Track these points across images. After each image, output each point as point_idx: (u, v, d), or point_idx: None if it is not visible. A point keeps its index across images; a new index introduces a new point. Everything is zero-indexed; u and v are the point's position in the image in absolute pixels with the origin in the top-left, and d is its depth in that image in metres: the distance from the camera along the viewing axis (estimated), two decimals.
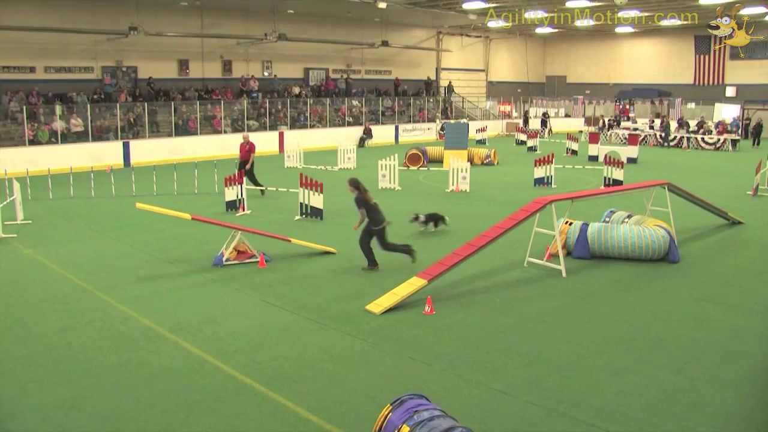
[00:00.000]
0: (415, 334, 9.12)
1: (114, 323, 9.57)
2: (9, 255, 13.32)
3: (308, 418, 6.84)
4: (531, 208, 11.97)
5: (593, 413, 6.93)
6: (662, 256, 12.69)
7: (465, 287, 11.25)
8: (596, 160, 28.93)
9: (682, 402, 7.19)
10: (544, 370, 8.03)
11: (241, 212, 17.64)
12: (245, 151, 20.15)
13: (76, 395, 7.34)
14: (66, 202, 19.22)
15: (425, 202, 19.42)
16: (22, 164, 22.49)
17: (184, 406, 7.08)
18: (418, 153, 28.46)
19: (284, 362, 8.22)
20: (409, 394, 5.72)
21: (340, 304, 10.38)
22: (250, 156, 20.07)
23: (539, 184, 22.54)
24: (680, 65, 48.49)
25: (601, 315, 9.94)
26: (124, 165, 27.52)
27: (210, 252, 12.93)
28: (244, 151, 20.19)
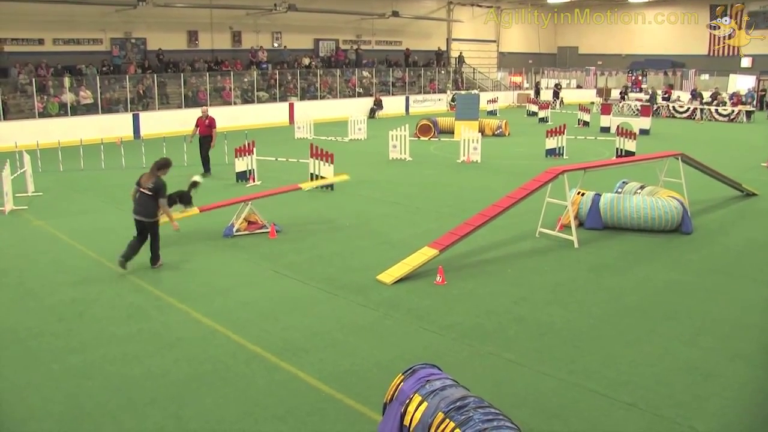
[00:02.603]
0: (426, 305, 9.09)
1: (125, 294, 9.57)
2: (20, 227, 13.34)
3: (319, 388, 6.83)
4: (543, 179, 11.86)
5: (605, 384, 6.89)
6: (675, 228, 12.58)
7: (476, 257, 11.20)
8: (608, 132, 28.67)
9: (695, 373, 7.15)
10: (555, 340, 7.99)
11: (252, 183, 17.60)
12: (205, 126, 18.79)
13: (87, 365, 7.35)
14: (76, 174, 19.22)
15: (436, 173, 19.37)
16: (32, 137, 22.46)
17: (195, 376, 7.09)
18: (428, 124, 28.30)
19: (295, 332, 8.21)
20: (421, 364, 5.69)
21: (351, 274, 10.36)
22: (211, 132, 18.75)
23: (551, 155, 22.37)
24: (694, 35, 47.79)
25: (614, 286, 9.88)
26: (134, 137, 27.46)
27: (220, 223, 12.90)
28: (204, 126, 18.80)
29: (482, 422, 4.78)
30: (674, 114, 37.83)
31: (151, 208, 10.24)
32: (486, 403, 5.05)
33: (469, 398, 5.06)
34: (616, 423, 6.17)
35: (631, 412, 6.36)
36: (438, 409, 5.01)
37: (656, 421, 6.19)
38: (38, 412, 6.36)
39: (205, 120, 18.79)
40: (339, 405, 6.50)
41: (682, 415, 6.29)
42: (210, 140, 18.72)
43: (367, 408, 6.38)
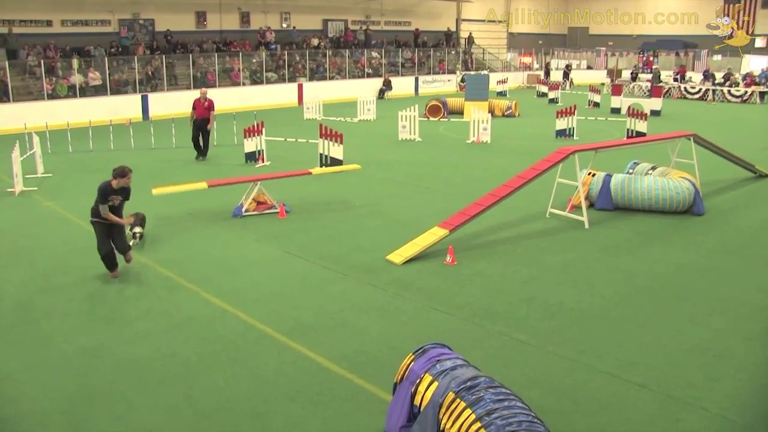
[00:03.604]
0: (436, 284, 9.06)
1: (135, 274, 9.58)
2: (30, 208, 13.36)
3: (329, 368, 6.82)
4: (553, 159, 11.78)
5: (616, 364, 6.85)
6: (687, 209, 12.48)
7: (486, 238, 11.15)
8: (619, 113, 28.48)
9: (707, 354, 7.09)
10: (566, 320, 7.95)
11: (261, 164, 17.56)
12: (203, 109, 18.08)
13: (98, 344, 7.36)
14: (86, 156, 19.21)
15: (446, 154, 19.28)
16: (41, 118, 22.45)
17: (205, 356, 7.09)
18: (438, 104, 28.17)
19: (304, 312, 8.20)
20: (432, 343, 5.66)
21: (361, 254, 10.33)
22: (209, 114, 18.11)
23: (561, 136, 22.24)
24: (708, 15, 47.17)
25: (624, 266, 9.82)
26: (143, 118, 27.44)
27: (229, 203, 12.88)
28: (203, 108, 18.08)
29: (493, 402, 4.76)
30: (686, 95, 37.50)
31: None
32: (497, 383, 5.02)
33: (479, 378, 5.03)
34: (627, 404, 6.14)
35: (642, 392, 6.32)
36: (449, 389, 4.98)
37: (668, 402, 6.15)
38: (50, 391, 6.38)
39: (204, 102, 18.11)
40: (349, 385, 6.49)
41: (694, 396, 6.25)
42: (208, 123, 18.12)
43: (378, 388, 6.37)
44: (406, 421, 5.37)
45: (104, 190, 9.03)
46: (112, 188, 9.06)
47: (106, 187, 9.05)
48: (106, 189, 9.03)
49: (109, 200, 9.04)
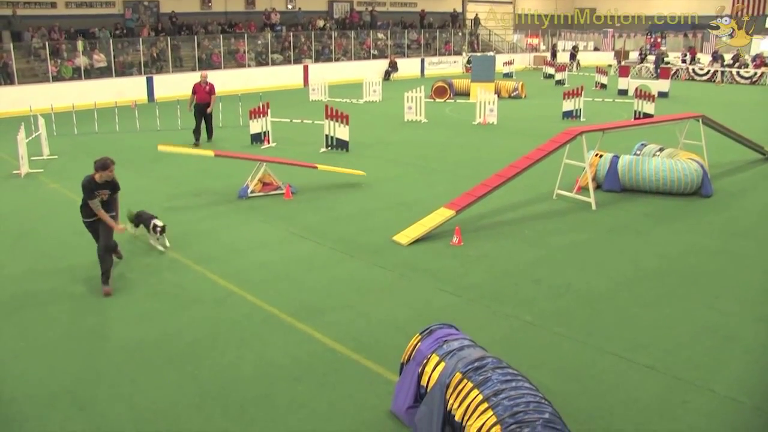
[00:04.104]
0: (443, 265, 9.02)
1: (140, 256, 9.57)
2: (36, 189, 13.35)
3: (335, 348, 6.80)
4: (561, 139, 11.69)
5: (624, 346, 6.81)
6: (695, 190, 12.39)
7: (493, 219, 11.10)
8: (626, 94, 28.30)
9: (716, 336, 7.05)
10: (574, 302, 7.91)
11: (266, 145, 17.51)
12: (204, 93, 17.57)
13: (103, 325, 7.37)
14: (91, 138, 19.18)
15: (452, 135, 19.20)
16: (46, 100, 22.40)
17: (211, 337, 7.07)
18: (444, 85, 28.06)
19: (311, 293, 8.18)
20: (439, 324, 5.63)
21: (367, 235, 10.29)
22: (210, 98, 17.62)
23: (568, 117, 22.13)
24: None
25: (632, 248, 9.76)
26: (148, 100, 27.42)
27: (235, 184, 12.85)
28: (204, 92, 17.57)
29: (500, 383, 4.73)
30: (694, 77, 37.22)
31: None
32: (504, 364, 4.99)
33: (487, 359, 5.00)
34: (634, 385, 6.10)
35: (649, 374, 6.29)
36: (456, 370, 4.95)
37: (675, 384, 6.11)
38: (56, 372, 6.38)
39: (204, 86, 17.62)
40: (355, 365, 6.47)
41: (702, 378, 6.21)
42: (208, 106, 17.63)
43: (384, 368, 6.35)
44: (413, 402, 5.35)
45: (88, 185, 8.17)
46: (96, 182, 8.19)
47: (89, 181, 8.18)
48: (90, 183, 8.17)
49: (96, 195, 8.20)
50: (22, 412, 5.69)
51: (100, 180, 8.16)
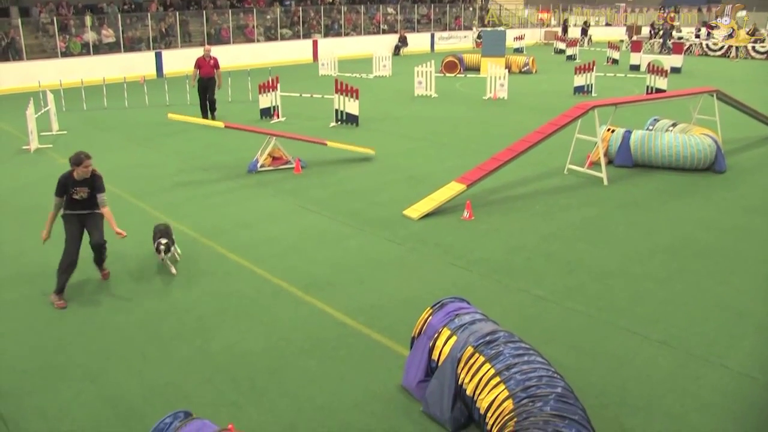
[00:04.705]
0: (453, 240, 8.97)
1: (150, 230, 9.52)
2: (45, 165, 13.34)
3: (345, 322, 6.77)
4: (573, 114, 11.56)
5: (636, 321, 6.76)
6: (708, 166, 12.27)
7: (504, 193, 11.02)
8: (638, 70, 28.04)
9: (728, 312, 6.97)
10: (585, 277, 7.84)
11: (276, 119, 17.46)
12: (209, 67, 17.27)
13: (115, 300, 7.36)
14: (100, 113, 19.16)
15: (462, 110, 19.07)
16: (55, 76, 22.39)
17: (220, 311, 7.05)
18: (454, 60, 27.87)
19: (321, 267, 8.14)
20: (450, 298, 5.58)
21: (377, 209, 10.24)
22: (214, 73, 17.32)
23: (579, 93, 21.95)
24: None
25: (644, 223, 9.67)
26: (157, 75, 27.35)
27: (244, 159, 12.81)
28: (208, 66, 17.26)
29: (512, 357, 4.69)
30: (707, 52, 36.79)
31: None
32: (516, 338, 4.95)
33: (499, 333, 4.96)
34: (646, 360, 6.05)
35: (662, 349, 6.23)
36: (467, 344, 4.92)
37: (688, 359, 6.05)
38: (67, 346, 6.38)
39: (208, 60, 17.28)
40: (366, 339, 6.44)
41: (715, 353, 6.15)
42: (214, 82, 17.40)
43: (394, 342, 6.32)
44: (424, 376, 5.32)
45: (64, 182, 7.38)
46: (74, 179, 7.35)
47: (66, 178, 7.37)
48: (66, 180, 7.36)
49: (72, 192, 7.37)
50: (34, 383, 5.70)
51: (78, 177, 7.34)
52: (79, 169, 7.29)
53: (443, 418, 5.01)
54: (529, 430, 4.02)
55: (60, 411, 5.32)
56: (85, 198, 7.44)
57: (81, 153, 7.35)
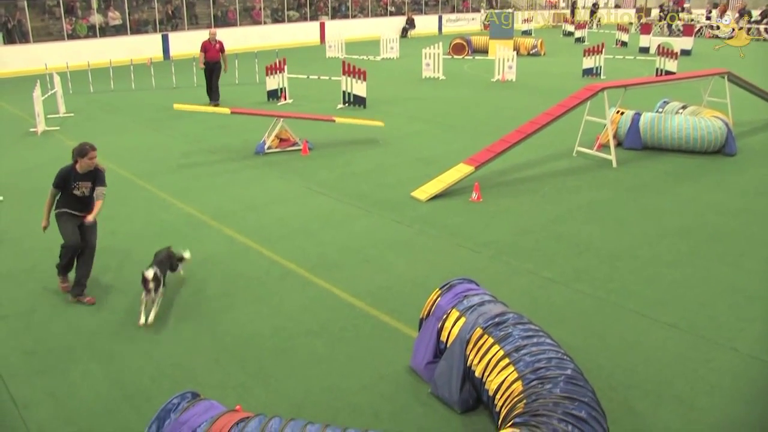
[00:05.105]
0: (462, 221, 8.93)
1: (157, 211, 9.53)
2: (52, 147, 13.33)
3: (353, 303, 6.75)
4: (582, 95, 11.47)
5: (645, 303, 6.71)
6: (718, 149, 12.17)
7: (513, 175, 10.97)
8: (647, 52, 27.81)
9: (738, 295, 6.91)
10: (594, 259, 7.79)
11: (283, 101, 17.40)
12: (215, 50, 16.99)
13: (122, 282, 7.35)
14: (107, 95, 19.13)
15: (471, 92, 18.97)
16: (61, 58, 22.34)
17: (228, 292, 7.04)
18: (462, 42, 27.74)
19: (329, 248, 8.12)
20: (459, 279, 5.54)
21: (385, 190, 10.21)
22: (219, 56, 17.03)
23: (588, 75, 21.81)
24: None
25: (654, 206, 9.60)
26: (163, 58, 27.26)
27: (251, 141, 12.78)
28: (214, 50, 16.98)
29: (521, 338, 4.66)
30: (718, 34, 36.41)
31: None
32: (525, 319, 4.92)
33: (508, 314, 4.93)
34: (655, 343, 6.01)
35: (671, 332, 6.19)
36: (476, 325, 4.89)
37: (697, 342, 6.01)
38: (75, 326, 6.38)
39: (214, 44, 17.01)
40: (374, 321, 6.41)
41: (725, 336, 6.11)
42: (220, 66, 17.16)
43: (403, 324, 6.29)
44: (433, 358, 5.29)
45: (65, 175, 6.89)
46: (77, 172, 6.89)
47: (68, 171, 6.89)
48: (68, 174, 6.88)
49: (73, 187, 6.91)
50: (42, 364, 5.70)
51: (81, 170, 6.88)
52: (84, 160, 6.83)
53: (452, 400, 4.99)
54: (539, 411, 4.00)
55: (68, 391, 5.32)
56: (86, 195, 7.01)
57: (86, 144, 6.90)
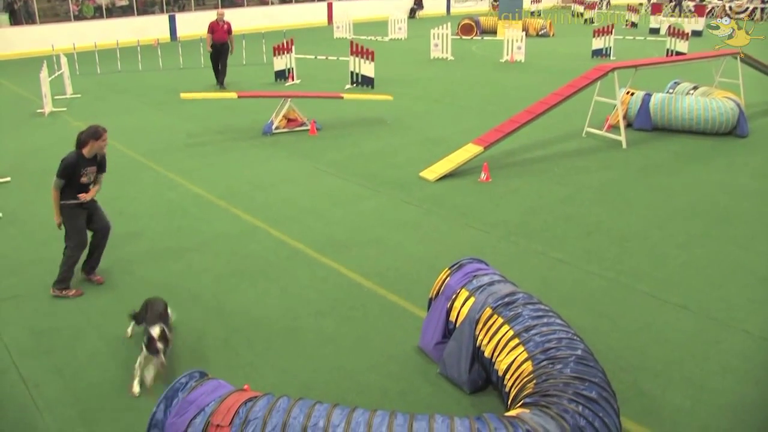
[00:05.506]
0: (470, 201, 8.88)
1: (164, 191, 9.51)
2: (60, 128, 13.31)
3: (361, 283, 6.72)
4: (592, 75, 11.36)
5: (655, 284, 6.66)
6: (730, 130, 12.04)
7: (522, 156, 10.90)
8: (657, 33, 27.55)
9: (750, 277, 6.85)
10: (604, 240, 7.74)
11: (291, 82, 17.32)
12: (223, 31, 16.70)
13: (128, 261, 7.34)
14: (114, 76, 19.08)
15: (479, 72, 18.85)
16: (68, 39, 22.26)
17: (236, 272, 7.02)
18: (471, 23, 27.56)
19: (337, 228, 8.09)
20: (468, 258, 5.50)
21: (393, 170, 10.16)
22: (227, 38, 16.76)
23: (597, 56, 21.62)
24: None
25: (664, 187, 9.52)
26: (170, 39, 27.16)
27: (259, 121, 12.73)
28: (222, 31, 16.69)
29: (531, 318, 4.62)
30: (730, 15, 36.05)
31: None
32: (535, 299, 4.88)
33: (517, 294, 4.89)
34: (665, 324, 5.97)
35: (681, 313, 6.14)
36: (486, 305, 4.85)
37: (708, 323, 5.96)
38: (84, 306, 6.37)
39: (222, 25, 16.72)
40: (382, 300, 6.39)
41: (735, 317, 6.06)
42: (227, 47, 16.93)
43: (411, 304, 6.27)
44: (441, 338, 5.26)
45: (74, 163, 6.43)
46: (84, 158, 6.48)
47: (75, 158, 6.44)
48: (75, 161, 6.43)
49: (82, 174, 6.50)
50: (50, 343, 5.71)
51: (89, 154, 6.50)
52: (98, 143, 6.46)
53: (460, 380, 4.96)
54: (549, 391, 3.97)
55: (76, 370, 5.32)
56: (92, 181, 6.67)
57: (98, 126, 6.54)
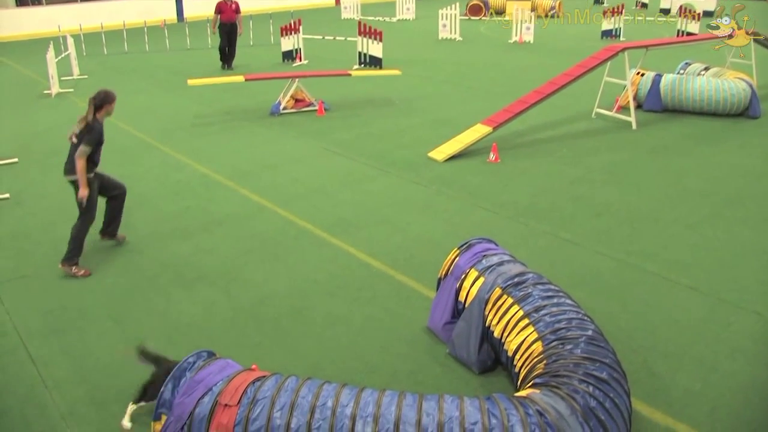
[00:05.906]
0: (479, 182, 8.83)
1: (172, 172, 9.48)
2: (66, 109, 13.29)
3: (370, 263, 6.69)
4: (602, 56, 11.25)
5: (665, 266, 6.61)
6: (742, 111, 11.93)
7: (531, 137, 10.83)
8: (668, 14, 27.31)
9: (761, 258, 6.79)
10: (613, 221, 7.68)
11: (298, 62, 17.25)
12: (231, 12, 16.50)
13: (136, 240, 7.33)
14: (121, 57, 19.03)
15: (488, 53, 18.73)
16: (74, 20, 22.20)
17: (244, 252, 7.00)
18: (479, 3, 27.39)
19: (345, 208, 8.05)
20: (478, 238, 5.46)
21: (402, 151, 10.11)
22: (235, 18, 16.57)
23: (607, 37, 21.46)
24: None
25: (674, 168, 9.44)
26: (177, 20, 27.08)
27: (267, 101, 12.69)
28: (230, 11, 16.50)
29: (541, 298, 4.59)
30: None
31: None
32: (545, 279, 4.84)
33: (527, 274, 4.85)
34: (676, 305, 5.92)
35: (692, 294, 6.09)
36: (495, 285, 4.81)
37: (719, 305, 5.91)
38: (91, 286, 6.37)
39: (230, 4, 16.50)
40: (391, 281, 6.36)
41: (747, 299, 6.00)
42: (236, 28, 16.70)
43: (420, 284, 6.24)
44: (450, 318, 5.23)
45: (101, 130, 6.55)
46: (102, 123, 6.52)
47: (100, 124, 6.55)
48: (102, 127, 6.56)
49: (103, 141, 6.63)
50: (58, 324, 5.70)
51: (102, 119, 6.57)
52: (111, 106, 6.56)
53: (470, 361, 4.94)
54: (560, 372, 3.93)
55: (84, 350, 5.31)
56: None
57: (108, 90, 6.59)
